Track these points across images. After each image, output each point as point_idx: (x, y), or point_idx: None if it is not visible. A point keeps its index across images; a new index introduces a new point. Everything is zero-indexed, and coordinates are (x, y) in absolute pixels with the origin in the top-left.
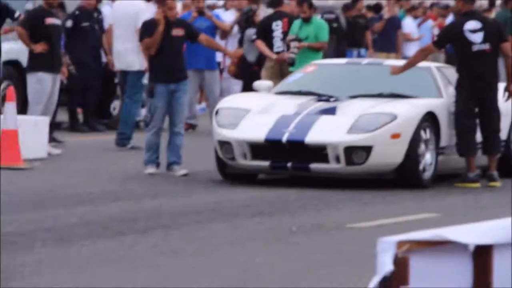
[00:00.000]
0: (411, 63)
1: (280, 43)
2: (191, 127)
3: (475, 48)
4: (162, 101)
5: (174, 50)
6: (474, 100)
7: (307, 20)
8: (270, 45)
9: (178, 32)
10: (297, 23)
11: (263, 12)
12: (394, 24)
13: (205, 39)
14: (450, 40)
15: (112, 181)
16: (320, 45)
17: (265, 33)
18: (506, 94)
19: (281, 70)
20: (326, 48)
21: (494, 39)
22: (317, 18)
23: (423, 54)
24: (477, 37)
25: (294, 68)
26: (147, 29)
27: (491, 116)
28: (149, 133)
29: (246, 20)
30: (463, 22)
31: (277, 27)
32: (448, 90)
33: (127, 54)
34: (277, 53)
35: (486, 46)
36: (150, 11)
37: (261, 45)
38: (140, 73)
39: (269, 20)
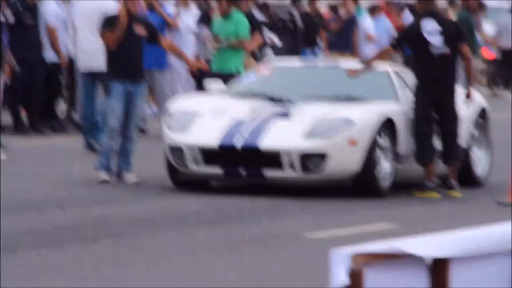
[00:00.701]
0: (368, 64)
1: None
2: (140, 130)
3: (434, 50)
4: (119, 101)
5: (134, 47)
6: (432, 105)
7: (226, 16)
8: None
9: (140, 30)
10: (217, 19)
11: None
12: (350, 24)
13: (166, 43)
14: (408, 41)
15: (58, 187)
16: (239, 43)
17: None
18: (466, 99)
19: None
20: (247, 46)
21: (453, 42)
22: (238, 13)
23: (381, 56)
24: (436, 39)
25: (215, 68)
26: (109, 22)
27: (450, 122)
28: (104, 136)
29: (202, 17)
30: (420, 23)
31: None
32: (406, 94)
33: (98, 54)
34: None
35: (446, 49)
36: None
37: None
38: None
39: None
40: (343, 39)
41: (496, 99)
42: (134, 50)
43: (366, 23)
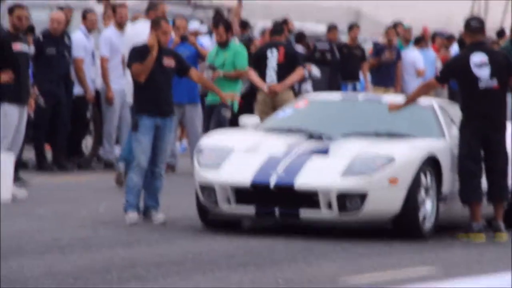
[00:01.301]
0: (412, 99)
1: (274, 74)
2: (170, 167)
3: (482, 84)
4: (147, 136)
5: (164, 80)
6: (479, 142)
7: (223, 45)
8: (263, 75)
9: (169, 62)
10: (214, 48)
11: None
12: (395, 57)
13: (196, 75)
14: (454, 75)
15: (83, 227)
16: (237, 74)
17: (259, 62)
18: None
19: (274, 103)
20: (246, 76)
21: (502, 74)
22: (235, 42)
23: (424, 90)
24: (484, 73)
25: (209, 100)
26: (137, 54)
27: (498, 160)
28: (131, 172)
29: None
30: (468, 55)
31: (272, 56)
32: (452, 130)
33: None
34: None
35: (494, 83)
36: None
37: (253, 75)
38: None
39: (264, 48)
40: (385, 72)
41: None
42: (164, 83)
43: (413, 56)
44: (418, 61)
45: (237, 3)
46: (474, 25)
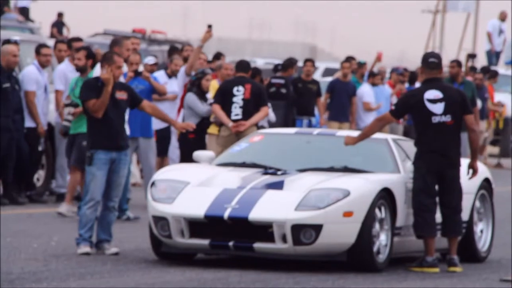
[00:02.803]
0: (366, 133)
1: (239, 110)
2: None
3: (435, 119)
4: (101, 170)
5: (117, 114)
6: (434, 176)
7: (84, 73)
8: (227, 111)
9: (122, 95)
10: (74, 79)
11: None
12: (349, 91)
13: (149, 106)
14: (408, 109)
15: (34, 260)
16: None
17: (224, 97)
18: (470, 171)
19: (238, 140)
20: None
21: (456, 111)
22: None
23: (379, 124)
24: (438, 108)
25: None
26: (91, 89)
27: (452, 194)
28: (84, 207)
29: (193, 82)
30: (423, 91)
31: (239, 92)
32: (406, 165)
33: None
34: (235, 121)
35: (448, 119)
36: None
37: (218, 110)
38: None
39: (230, 84)
40: (340, 107)
41: (500, 169)
42: (117, 116)
43: (365, 91)
44: (367, 95)
45: (207, 30)
46: (432, 61)
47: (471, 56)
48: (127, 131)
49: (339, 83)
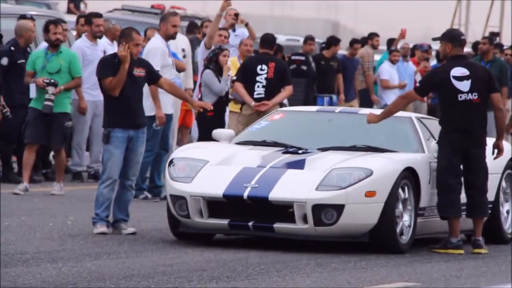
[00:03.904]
0: (390, 111)
1: (262, 90)
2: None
3: (462, 97)
4: (119, 148)
5: (135, 92)
6: (458, 155)
7: (55, 48)
8: (250, 90)
9: (139, 72)
10: (41, 52)
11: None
12: (356, 68)
13: (166, 83)
14: (434, 86)
15: (49, 240)
16: (75, 84)
17: (247, 76)
18: (496, 151)
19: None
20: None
21: (482, 89)
22: (66, 47)
23: (403, 102)
24: (464, 86)
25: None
26: (108, 67)
27: (478, 174)
28: (101, 185)
29: (210, 58)
30: (449, 68)
31: (262, 71)
32: (430, 144)
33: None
34: (257, 100)
35: (474, 96)
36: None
37: (241, 89)
38: (152, 118)
39: (254, 62)
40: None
41: None
42: (135, 94)
43: (382, 69)
44: (384, 73)
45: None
46: (463, 38)
47: (494, 34)
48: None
49: (345, 60)
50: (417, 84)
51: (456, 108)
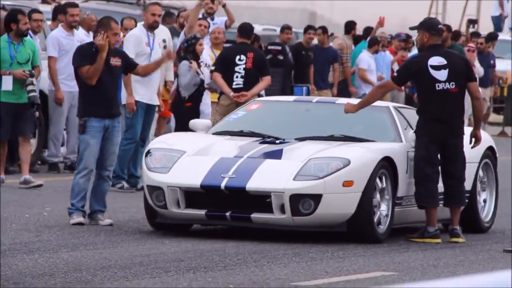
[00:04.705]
0: (367, 101)
1: (241, 80)
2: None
3: (439, 86)
4: (95, 138)
5: (112, 81)
6: (436, 145)
7: (20, 38)
8: (228, 80)
9: (116, 61)
10: (4, 43)
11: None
12: (328, 58)
13: (140, 68)
14: (411, 76)
15: (25, 231)
16: (38, 73)
17: (226, 66)
18: (473, 140)
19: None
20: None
21: (460, 78)
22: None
23: (380, 91)
24: (441, 75)
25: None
26: (85, 55)
27: (456, 163)
28: (77, 175)
29: (186, 48)
30: (426, 57)
31: (241, 61)
32: (408, 133)
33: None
34: (235, 90)
35: (451, 86)
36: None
37: (219, 79)
38: (124, 106)
39: (232, 52)
40: (320, 76)
41: (504, 137)
42: (111, 83)
43: (360, 58)
44: (363, 62)
45: None
46: (441, 27)
47: (472, 21)
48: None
49: (317, 50)
50: (395, 74)
51: (433, 97)
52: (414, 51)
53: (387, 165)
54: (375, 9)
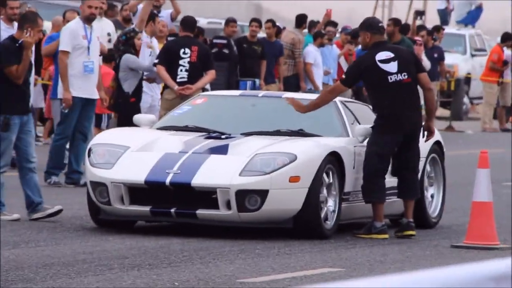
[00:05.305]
0: (317, 104)
1: (185, 73)
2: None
3: (391, 78)
4: (15, 134)
5: (28, 77)
6: (395, 139)
7: None
8: (173, 74)
9: (30, 57)
10: None
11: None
12: (275, 52)
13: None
14: (360, 74)
15: None
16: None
17: (169, 59)
18: (425, 133)
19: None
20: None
21: (411, 69)
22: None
23: (330, 97)
24: (391, 67)
25: None
26: (11, 53)
27: (413, 155)
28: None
29: (125, 42)
30: (373, 53)
31: (185, 55)
32: (355, 128)
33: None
34: (180, 84)
35: (404, 76)
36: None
37: (163, 72)
38: (60, 100)
39: (176, 45)
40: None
41: (451, 132)
42: (27, 79)
43: (307, 52)
44: (309, 56)
45: None
46: (382, 26)
47: (419, 13)
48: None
49: (264, 43)
50: (343, 76)
51: (387, 90)
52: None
53: (334, 160)
54: (322, 2)
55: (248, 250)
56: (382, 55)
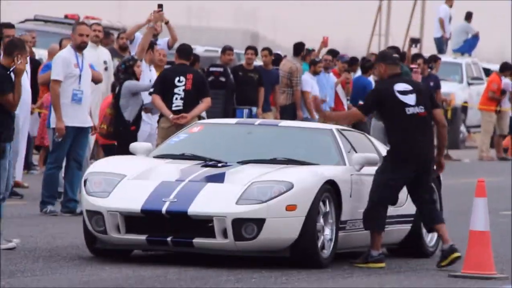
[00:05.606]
0: (332, 118)
1: (180, 102)
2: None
3: (409, 111)
4: (8, 160)
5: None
6: (405, 173)
7: None
8: (168, 102)
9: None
10: None
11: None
12: (271, 80)
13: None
14: (380, 103)
15: None
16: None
17: (164, 88)
18: (435, 167)
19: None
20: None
21: (427, 103)
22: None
23: (345, 122)
24: (410, 99)
25: None
26: (4, 81)
27: (425, 189)
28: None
29: (124, 70)
30: (392, 83)
31: (180, 83)
32: (351, 156)
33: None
34: (175, 112)
35: (420, 109)
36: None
37: (158, 101)
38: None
39: (171, 73)
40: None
41: (448, 161)
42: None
43: (303, 80)
44: (305, 84)
45: (157, 9)
46: (396, 56)
47: (414, 41)
48: None
49: (262, 71)
50: (360, 103)
51: (405, 122)
52: (359, 73)
53: (330, 188)
54: (319, 30)
55: (245, 279)
56: (400, 86)
